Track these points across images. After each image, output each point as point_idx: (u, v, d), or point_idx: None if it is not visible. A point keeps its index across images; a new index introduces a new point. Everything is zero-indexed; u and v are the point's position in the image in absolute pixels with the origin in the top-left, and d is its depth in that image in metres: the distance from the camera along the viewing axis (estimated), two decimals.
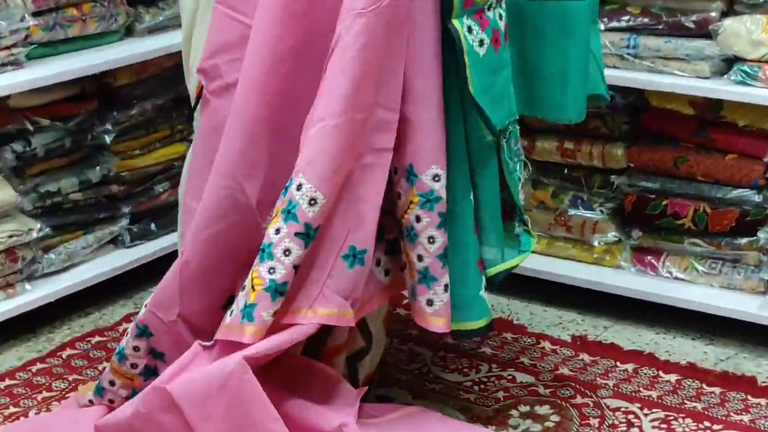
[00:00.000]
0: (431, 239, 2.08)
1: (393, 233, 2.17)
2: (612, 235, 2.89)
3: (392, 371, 2.52)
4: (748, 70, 2.60)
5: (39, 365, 2.66)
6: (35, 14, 2.77)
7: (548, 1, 2.20)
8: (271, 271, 1.98)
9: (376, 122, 2.03)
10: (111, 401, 2.30)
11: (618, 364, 2.61)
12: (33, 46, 2.76)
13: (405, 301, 2.71)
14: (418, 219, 2.08)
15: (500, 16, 2.12)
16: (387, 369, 2.47)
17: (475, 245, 2.14)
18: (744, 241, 2.72)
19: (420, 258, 2.10)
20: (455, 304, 2.13)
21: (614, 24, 2.76)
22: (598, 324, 2.82)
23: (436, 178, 2.06)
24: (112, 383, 2.28)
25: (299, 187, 1.98)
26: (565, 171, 2.93)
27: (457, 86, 2.09)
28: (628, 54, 2.75)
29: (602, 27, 2.74)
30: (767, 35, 2.58)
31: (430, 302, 2.10)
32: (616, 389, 2.50)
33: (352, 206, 2.03)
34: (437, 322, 2.11)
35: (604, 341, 2.72)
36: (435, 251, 2.08)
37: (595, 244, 2.90)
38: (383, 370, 2.45)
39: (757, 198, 2.70)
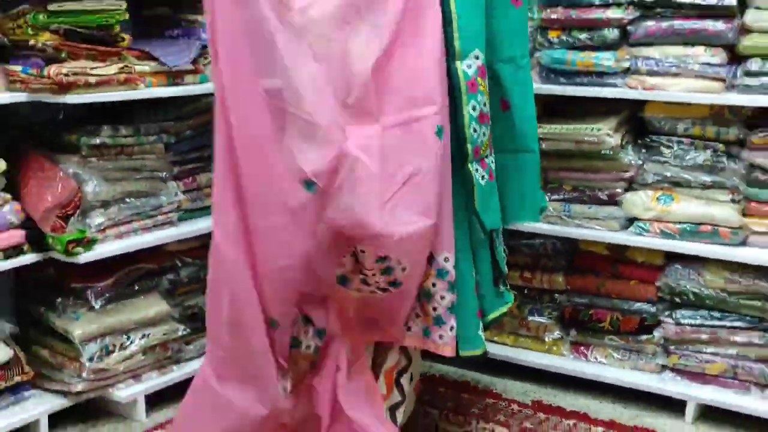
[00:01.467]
0: (442, 297, 2.10)
1: None
2: (557, 333, 2.90)
3: (411, 425, 2.45)
4: (642, 225, 2.67)
5: None
6: (184, 192, 2.84)
7: (518, 154, 2.25)
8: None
9: None
10: None
11: (563, 420, 2.65)
12: (182, 212, 2.83)
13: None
14: (433, 285, 2.09)
15: (492, 162, 2.16)
16: (408, 423, 2.39)
17: (475, 301, 2.15)
18: (644, 337, 2.75)
19: (434, 309, 2.11)
20: (465, 337, 2.13)
21: (555, 196, 2.79)
22: (549, 393, 2.83)
23: (446, 260, 2.07)
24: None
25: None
26: (525, 291, 2.94)
27: (464, 202, 2.11)
28: (565, 215, 2.79)
29: (548, 198, 2.77)
30: (654, 203, 2.65)
31: (441, 336, 2.12)
32: None
33: None
34: (445, 350, 2.12)
35: (553, 405, 2.74)
36: (445, 305, 2.10)
37: (546, 339, 2.91)
38: (407, 423, 2.37)
39: (652, 309, 2.73)
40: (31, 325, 2.66)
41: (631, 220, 2.74)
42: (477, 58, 2.06)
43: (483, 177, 2.12)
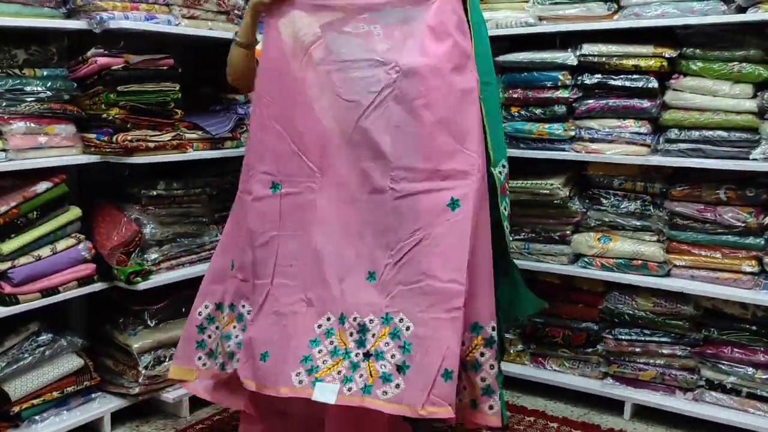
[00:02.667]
0: (491, 366, 1.84)
1: None
2: (520, 346, 2.88)
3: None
4: (587, 260, 2.67)
5: (217, 417, 2.60)
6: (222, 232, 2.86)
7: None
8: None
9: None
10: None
11: (525, 417, 2.60)
12: None
13: None
14: (482, 354, 1.82)
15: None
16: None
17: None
18: (590, 350, 2.74)
19: (483, 379, 1.83)
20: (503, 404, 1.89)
21: (517, 237, 2.77)
22: (513, 395, 2.79)
23: (494, 329, 1.84)
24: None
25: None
26: None
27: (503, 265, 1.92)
28: (525, 252, 2.78)
29: (512, 238, 2.65)
30: (596, 242, 2.64)
31: (491, 407, 1.84)
32: (528, 428, 2.53)
33: None
34: (494, 421, 1.84)
35: (517, 405, 2.71)
36: (494, 373, 1.85)
37: (512, 351, 2.88)
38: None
39: (596, 327, 2.72)
40: (98, 340, 2.65)
41: (577, 256, 2.73)
42: (504, 167, 2.01)
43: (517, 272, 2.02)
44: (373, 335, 1.80)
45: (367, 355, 1.80)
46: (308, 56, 1.92)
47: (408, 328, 1.79)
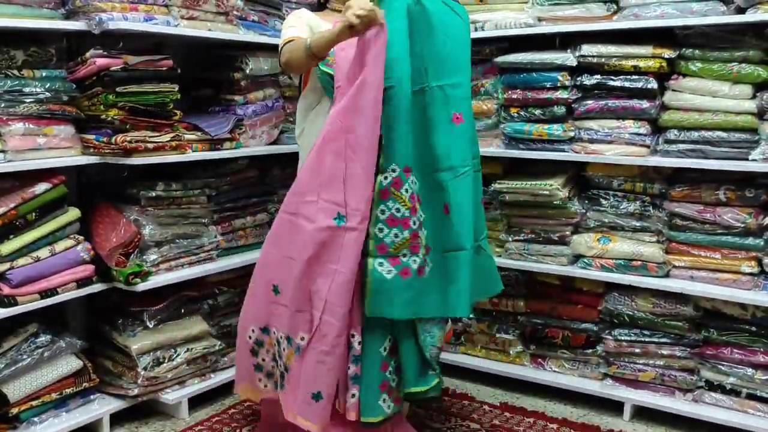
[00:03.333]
0: (347, 368, 1.99)
1: None
2: (520, 347, 2.88)
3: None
4: (586, 261, 2.66)
5: (216, 418, 2.60)
6: (222, 234, 2.80)
7: (456, 252, 2.02)
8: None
9: None
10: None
11: (525, 418, 2.61)
12: (220, 250, 2.79)
13: None
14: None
15: (418, 261, 1.95)
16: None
17: (379, 375, 1.99)
18: (590, 351, 2.74)
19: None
20: (366, 405, 1.98)
21: (516, 238, 2.78)
22: (513, 396, 2.80)
23: (353, 336, 1.96)
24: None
25: None
26: (494, 314, 2.93)
27: None
28: (525, 253, 2.77)
29: (510, 239, 2.79)
30: (595, 243, 2.64)
31: (345, 401, 2.00)
32: (528, 429, 2.52)
33: None
34: (349, 415, 1.99)
35: (517, 406, 2.70)
36: (349, 375, 1.98)
37: (511, 352, 2.89)
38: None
39: (596, 328, 2.72)
40: (97, 341, 2.64)
41: (577, 257, 2.74)
42: (394, 170, 1.93)
43: (390, 272, 1.92)
44: None
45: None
46: None
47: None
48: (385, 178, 1.94)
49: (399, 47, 1.92)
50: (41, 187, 2.31)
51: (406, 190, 1.95)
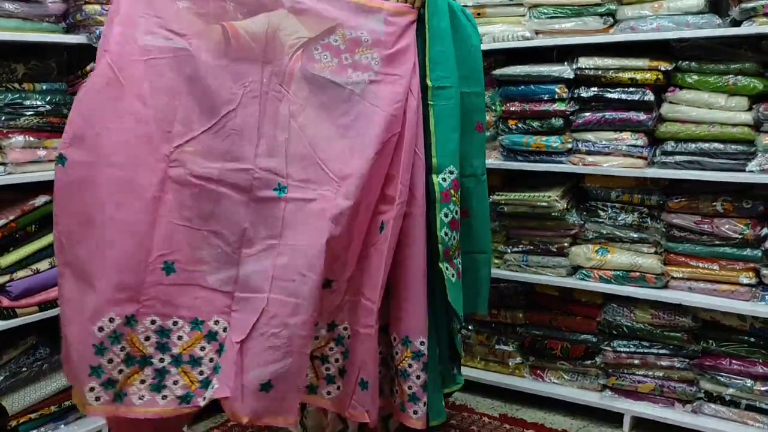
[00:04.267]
0: (417, 377, 1.93)
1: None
2: (519, 359, 2.88)
3: None
4: (585, 272, 2.67)
5: (216, 431, 2.57)
6: None
7: (475, 255, 2.09)
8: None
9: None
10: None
11: (524, 430, 2.61)
12: None
13: None
14: (409, 365, 1.92)
15: (459, 262, 2.00)
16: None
17: (439, 378, 2.01)
18: (588, 362, 2.73)
19: (410, 387, 1.93)
20: (434, 410, 1.97)
21: (515, 249, 2.78)
22: (513, 408, 2.80)
23: (422, 343, 1.91)
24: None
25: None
26: (493, 325, 2.92)
27: (434, 293, 1.95)
28: (523, 264, 2.78)
29: (509, 250, 2.80)
30: (594, 254, 2.64)
31: (415, 412, 1.94)
32: None
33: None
34: (418, 424, 1.93)
35: (516, 417, 2.71)
36: (420, 384, 1.93)
37: (510, 363, 2.89)
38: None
39: (594, 339, 2.71)
40: None
41: (575, 268, 2.74)
42: (451, 173, 1.94)
43: (453, 275, 1.95)
44: (317, 338, 1.88)
45: (312, 358, 1.88)
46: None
47: (348, 337, 1.92)
48: (444, 179, 1.93)
49: (449, 47, 1.93)
50: (41, 199, 2.32)
51: (459, 193, 1.97)
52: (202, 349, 1.82)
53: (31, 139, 2.29)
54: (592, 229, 2.70)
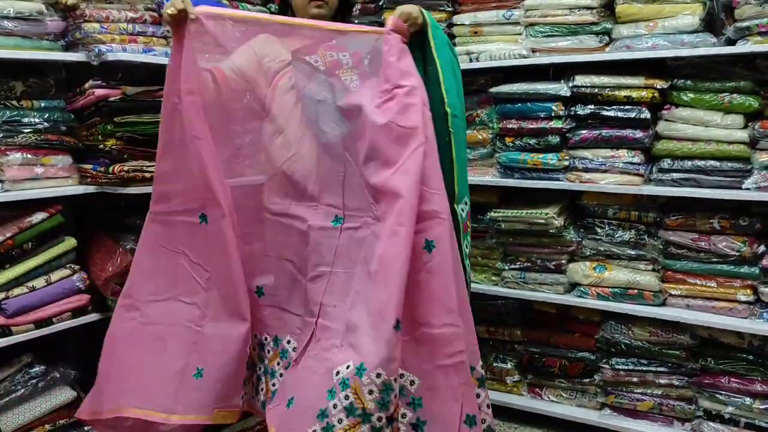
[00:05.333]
0: (488, 405, 1.84)
1: None
2: (517, 376, 2.89)
3: None
4: (583, 290, 2.67)
5: None
6: None
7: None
8: None
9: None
10: None
11: None
12: None
13: None
14: (478, 395, 1.81)
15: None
16: None
17: None
18: (587, 380, 2.75)
19: (483, 421, 1.82)
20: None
21: (513, 266, 2.78)
22: (511, 426, 2.81)
23: (482, 367, 1.86)
24: None
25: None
26: (490, 342, 2.92)
27: None
28: (521, 281, 2.78)
29: (506, 267, 2.79)
30: (591, 272, 2.63)
31: None
32: None
33: None
34: None
35: None
36: (491, 413, 1.83)
37: (508, 381, 2.90)
38: None
39: (593, 357, 2.72)
40: (92, 371, 2.56)
41: (573, 285, 2.74)
42: (466, 203, 1.94)
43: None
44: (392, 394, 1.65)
45: (390, 419, 1.65)
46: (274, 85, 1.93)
47: (412, 383, 1.69)
48: (462, 210, 1.92)
49: (458, 75, 1.98)
50: (38, 216, 2.32)
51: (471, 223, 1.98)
52: (278, 364, 1.95)
53: (29, 156, 2.30)
54: (590, 246, 2.70)
